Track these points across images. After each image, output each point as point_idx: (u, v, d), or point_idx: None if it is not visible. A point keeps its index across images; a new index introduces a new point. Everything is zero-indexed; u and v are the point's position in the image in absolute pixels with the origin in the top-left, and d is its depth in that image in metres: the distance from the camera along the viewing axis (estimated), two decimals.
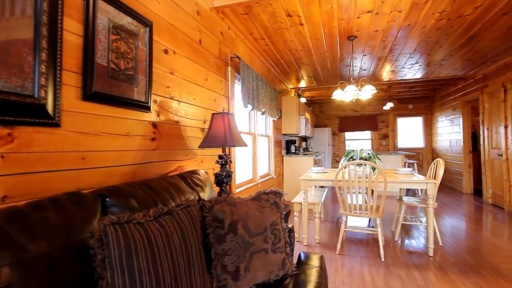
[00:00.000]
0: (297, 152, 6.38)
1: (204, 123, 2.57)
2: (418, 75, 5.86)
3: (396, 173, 3.64)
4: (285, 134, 6.07)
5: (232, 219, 1.34)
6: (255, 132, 4.14)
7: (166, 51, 2.01)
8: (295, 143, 6.41)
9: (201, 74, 2.51)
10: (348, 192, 3.16)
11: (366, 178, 2.93)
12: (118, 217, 0.97)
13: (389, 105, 7.26)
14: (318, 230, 3.41)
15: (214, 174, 2.22)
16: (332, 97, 3.78)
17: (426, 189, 3.03)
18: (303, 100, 6.96)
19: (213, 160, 2.73)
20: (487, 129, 5.53)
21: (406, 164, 7.53)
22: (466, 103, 6.51)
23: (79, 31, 1.37)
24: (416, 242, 3.45)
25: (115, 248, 0.90)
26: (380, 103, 9.29)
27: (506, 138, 4.89)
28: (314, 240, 3.47)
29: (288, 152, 6.13)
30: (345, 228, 3.16)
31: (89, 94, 1.40)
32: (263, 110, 3.91)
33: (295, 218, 3.48)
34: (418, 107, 9.14)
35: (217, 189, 2.57)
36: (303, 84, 6.61)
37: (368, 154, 3.46)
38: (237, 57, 3.09)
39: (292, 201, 3.50)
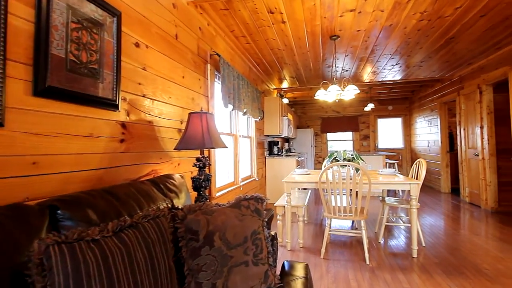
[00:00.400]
0: (279, 153, 6.30)
1: (181, 123, 2.40)
2: (398, 76, 5.93)
3: (379, 174, 3.61)
4: (268, 135, 5.97)
5: (208, 230, 1.19)
6: (237, 133, 4.00)
7: (137, 45, 1.84)
8: (278, 144, 6.33)
9: (178, 71, 2.35)
10: (332, 194, 3.09)
11: (350, 179, 2.87)
12: (67, 234, 0.80)
13: (370, 106, 7.33)
14: (302, 233, 3.31)
15: (191, 178, 2.06)
16: (315, 97, 3.71)
17: (409, 190, 3.00)
18: (285, 101, 6.89)
19: (191, 162, 2.57)
20: (464, 129, 5.67)
21: (387, 164, 7.63)
22: (443, 105, 6.68)
23: (29, 16, 1.19)
24: (400, 243, 3.42)
25: (60, 273, 0.73)
26: (361, 104, 9.41)
27: (482, 138, 5.02)
28: (298, 244, 3.37)
29: (271, 153, 6.03)
30: (329, 231, 3.08)
31: (41, 89, 1.22)
32: (245, 110, 3.78)
33: (278, 221, 3.37)
34: (398, 109, 9.33)
35: (194, 194, 2.41)
36: (285, 84, 6.54)
37: (352, 155, 3.41)
38: (217, 54, 2.94)
39: (275, 205, 3.38)
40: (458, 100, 5.81)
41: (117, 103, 1.63)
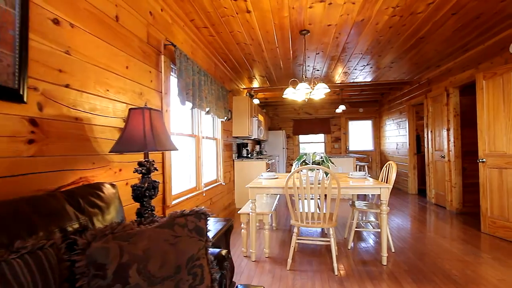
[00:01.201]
0: (249, 156, 6.03)
1: (124, 121, 2.05)
2: (369, 78, 5.90)
3: (349, 177, 3.45)
4: (237, 137, 5.68)
5: (121, 262, 0.88)
6: (199, 134, 3.67)
7: (56, 22, 1.48)
8: (247, 146, 6.05)
9: (120, 60, 2.00)
10: (299, 199, 2.87)
11: (319, 184, 2.66)
12: None
13: (341, 108, 7.30)
14: (268, 243, 3.05)
15: (131, 187, 1.73)
16: (283, 96, 3.49)
17: (379, 194, 2.85)
18: (256, 101, 6.65)
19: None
20: (431, 132, 5.73)
21: (358, 167, 7.64)
22: (412, 107, 6.77)
23: None
24: (369, 248, 3.28)
25: None
26: (332, 106, 9.41)
27: (448, 140, 5.07)
28: (263, 254, 3.11)
29: (240, 156, 5.75)
30: (297, 240, 2.86)
31: None
32: (207, 109, 3.46)
33: (243, 230, 3.09)
34: (368, 111, 9.42)
35: (136, 205, 2.06)
36: (256, 84, 6.30)
37: (321, 157, 3.21)
38: (172, 44, 2.61)
39: (239, 212, 3.10)
40: (426, 102, 5.87)
41: (21, 93, 1.27)
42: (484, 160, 3.78)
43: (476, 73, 3.92)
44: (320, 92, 3.27)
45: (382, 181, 3.43)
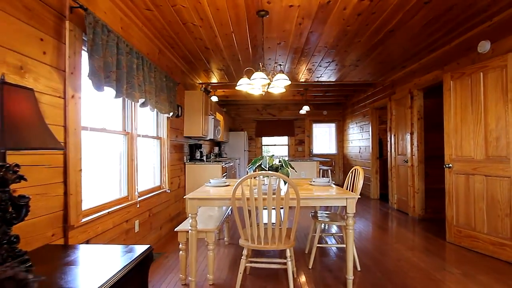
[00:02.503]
0: (204, 158, 5.39)
1: None
2: (333, 77, 5.59)
3: (312, 185, 2.99)
4: (190, 137, 5.02)
5: None
6: (133, 132, 2.98)
7: None
8: (201, 148, 5.41)
9: None
10: (249, 211, 2.34)
11: (274, 194, 2.15)
12: None
13: (305, 109, 6.97)
14: (213, 267, 2.46)
15: None
16: (236, 87, 2.94)
17: (346, 206, 2.40)
18: (214, 99, 6.04)
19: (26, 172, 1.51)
20: (394, 135, 5.55)
21: (321, 171, 7.34)
22: (375, 110, 6.61)
23: None
24: (333, 268, 2.84)
25: None
26: (296, 107, 9.09)
27: (412, 144, 4.89)
28: (207, 281, 2.52)
29: (192, 158, 5.09)
30: (247, 263, 2.31)
31: None
32: (142, 100, 2.80)
33: (180, 252, 2.46)
34: (332, 114, 9.25)
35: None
36: (214, 79, 5.70)
37: (280, 161, 2.71)
38: (81, 7, 1.93)
39: (175, 229, 2.47)
40: (389, 105, 5.70)
41: None
42: (451, 165, 3.55)
43: (443, 74, 3.71)
44: (280, 83, 2.78)
45: (347, 189, 3.03)
